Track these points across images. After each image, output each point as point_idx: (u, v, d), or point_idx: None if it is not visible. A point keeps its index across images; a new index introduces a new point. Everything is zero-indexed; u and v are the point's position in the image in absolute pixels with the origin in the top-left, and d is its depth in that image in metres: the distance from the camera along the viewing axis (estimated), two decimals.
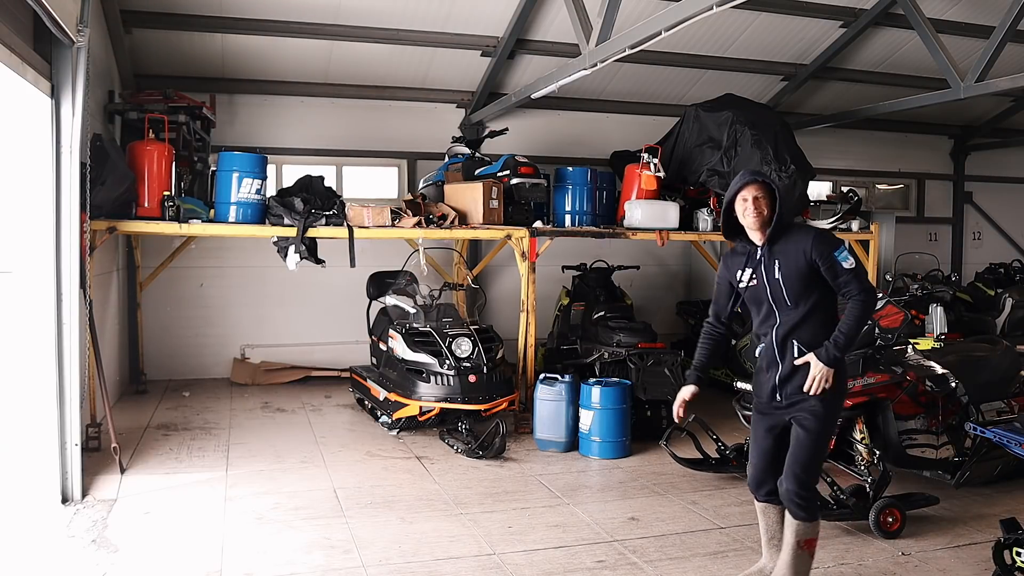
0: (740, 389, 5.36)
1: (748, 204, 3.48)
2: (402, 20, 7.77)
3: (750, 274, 3.55)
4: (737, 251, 3.66)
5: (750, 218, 3.49)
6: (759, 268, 3.53)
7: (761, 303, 3.55)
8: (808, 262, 3.42)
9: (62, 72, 4.78)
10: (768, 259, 3.51)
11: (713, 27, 8.15)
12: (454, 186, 7.64)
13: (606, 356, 6.68)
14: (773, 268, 3.49)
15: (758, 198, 3.48)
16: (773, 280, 3.49)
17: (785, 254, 3.48)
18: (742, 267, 3.58)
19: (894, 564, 4.19)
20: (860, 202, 8.25)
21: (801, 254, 3.43)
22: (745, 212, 3.50)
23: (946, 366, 5.01)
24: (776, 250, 3.50)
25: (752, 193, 3.49)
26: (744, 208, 3.50)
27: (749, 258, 3.57)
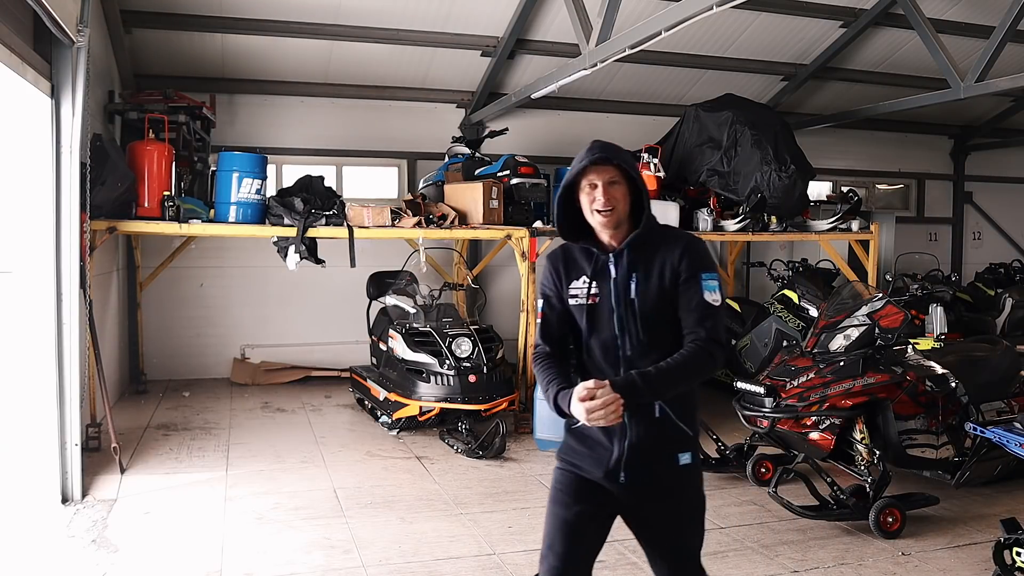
0: (740, 389, 5.36)
1: (597, 193, 2.46)
2: (402, 20, 7.77)
3: (590, 288, 2.50)
4: (572, 254, 2.59)
5: (598, 214, 2.47)
6: (606, 282, 2.49)
7: (599, 331, 2.49)
8: (673, 279, 2.47)
9: (62, 72, 4.78)
10: (621, 271, 2.48)
11: (713, 27, 8.15)
12: (454, 186, 7.64)
13: None
14: (628, 285, 2.47)
15: (611, 185, 2.46)
16: (624, 301, 2.46)
17: (645, 266, 2.48)
18: (580, 276, 2.54)
19: (894, 564, 4.19)
20: (860, 202, 8.25)
21: (667, 268, 2.47)
22: (593, 204, 2.47)
23: (946, 366, 5.01)
24: (634, 260, 2.49)
25: (602, 177, 2.46)
26: (591, 198, 2.48)
27: (594, 266, 2.52)
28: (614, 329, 2.47)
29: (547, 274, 2.60)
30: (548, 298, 2.57)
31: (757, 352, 7.74)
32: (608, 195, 2.44)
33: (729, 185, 7.57)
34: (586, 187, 2.47)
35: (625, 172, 2.47)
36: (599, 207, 2.45)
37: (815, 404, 4.81)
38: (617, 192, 2.46)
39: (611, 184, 2.45)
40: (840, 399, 4.78)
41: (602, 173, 2.45)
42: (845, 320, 5.15)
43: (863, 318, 5.06)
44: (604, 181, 2.45)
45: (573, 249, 2.59)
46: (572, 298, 2.52)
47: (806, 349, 5.24)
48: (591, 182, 2.46)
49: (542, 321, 2.58)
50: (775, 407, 4.97)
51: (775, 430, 4.98)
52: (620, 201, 2.46)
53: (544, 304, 2.58)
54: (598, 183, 2.45)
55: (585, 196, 2.48)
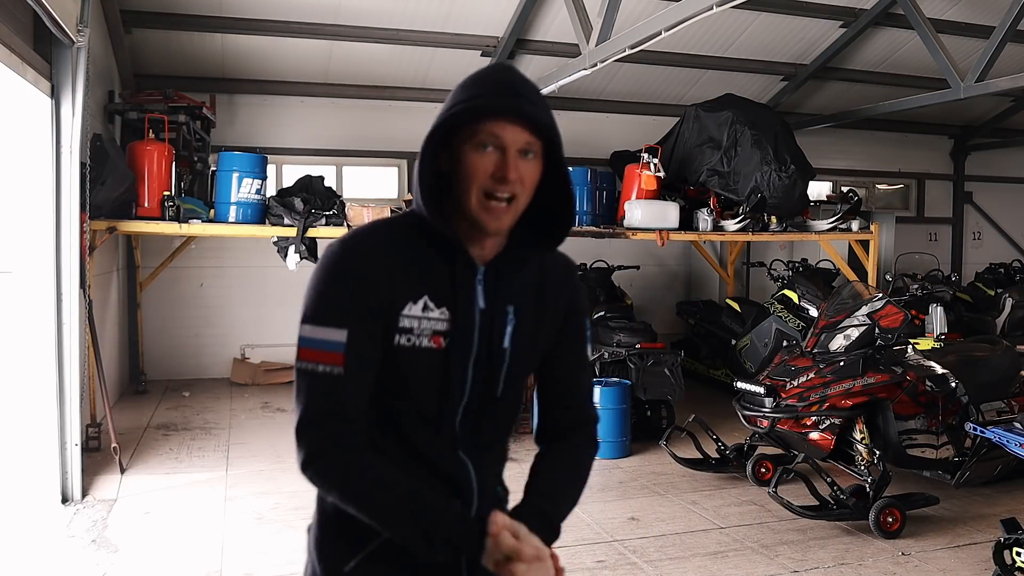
0: (740, 389, 5.36)
1: (498, 161, 1.44)
2: (402, 20, 7.77)
3: (438, 320, 1.48)
4: (409, 246, 1.50)
5: (487, 199, 1.44)
6: (467, 314, 1.50)
7: (426, 394, 1.49)
8: (554, 324, 1.61)
9: (62, 72, 4.78)
10: (492, 301, 1.52)
11: (713, 27, 8.15)
12: None
13: (606, 356, 6.68)
14: (502, 325, 1.53)
15: (524, 155, 1.45)
16: (491, 349, 1.52)
17: (526, 299, 1.56)
18: (419, 295, 1.47)
19: (894, 564, 4.19)
20: (860, 202, 8.25)
21: (550, 307, 1.59)
22: (490, 175, 1.43)
23: (946, 366, 5.01)
24: (514, 286, 1.54)
25: (517, 139, 1.44)
26: (485, 164, 1.44)
27: (450, 281, 1.49)
28: (460, 392, 1.49)
29: (353, 278, 1.43)
30: (355, 326, 1.41)
31: (757, 352, 7.74)
32: (517, 171, 1.41)
33: (729, 185, 7.57)
34: (481, 141, 1.42)
35: (549, 143, 1.47)
36: (494, 188, 1.41)
37: (815, 404, 4.81)
38: (528, 170, 1.43)
39: (524, 154, 1.43)
40: (840, 399, 4.78)
41: (517, 133, 1.42)
42: (845, 320, 5.15)
43: (863, 318, 5.06)
44: (518, 146, 1.42)
45: (410, 236, 1.49)
46: (403, 333, 1.43)
47: (806, 349, 5.24)
48: (495, 138, 1.41)
49: (341, 371, 1.40)
50: (775, 407, 4.97)
51: (775, 430, 4.98)
52: (527, 187, 1.44)
53: (349, 336, 1.40)
54: (507, 145, 1.41)
55: (474, 155, 1.42)
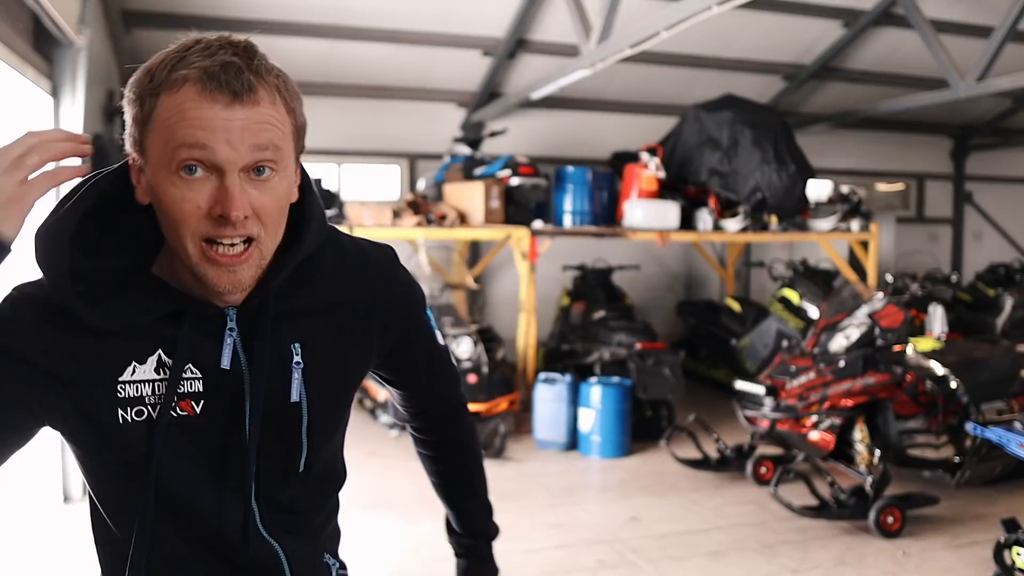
0: (740, 389, 5.36)
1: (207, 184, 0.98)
2: (402, 20, 7.77)
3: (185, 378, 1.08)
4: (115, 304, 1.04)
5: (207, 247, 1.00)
6: (220, 372, 1.08)
7: (195, 466, 1.10)
8: (375, 337, 1.24)
9: (62, 72, 4.79)
10: (260, 344, 1.10)
11: (713, 27, 8.13)
12: (454, 186, 7.64)
13: (606, 356, 6.69)
14: (284, 371, 1.12)
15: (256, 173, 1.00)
16: (283, 402, 1.12)
17: (313, 327, 1.16)
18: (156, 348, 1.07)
19: (894, 564, 4.19)
20: (860, 202, 8.25)
21: (361, 317, 1.21)
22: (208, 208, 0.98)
23: (946, 366, 5.02)
24: (286, 319, 1.13)
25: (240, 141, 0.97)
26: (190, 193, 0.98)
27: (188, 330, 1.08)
28: (240, 467, 1.11)
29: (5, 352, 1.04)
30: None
31: (757, 352, 7.74)
32: (244, 199, 0.99)
33: (729, 185, 7.57)
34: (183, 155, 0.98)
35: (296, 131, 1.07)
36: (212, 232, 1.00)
37: (815, 404, 4.82)
38: (272, 192, 1.02)
39: (256, 171, 1.00)
40: (840, 399, 4.79)
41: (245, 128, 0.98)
42: (845, 320, 5.16)
43: (863, 318, 5.07)
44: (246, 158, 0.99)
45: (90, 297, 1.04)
46: (130, 405, 1.07)
47: (806, 349, 5.25)
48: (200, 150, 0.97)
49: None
50: (775, 407, 4.98)
51: (775, 430, 4.99)
52: (275, 216, 1.04)
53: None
54: (222, 161, 0.97)
55: (171, 181, 0.99)
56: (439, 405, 1.48)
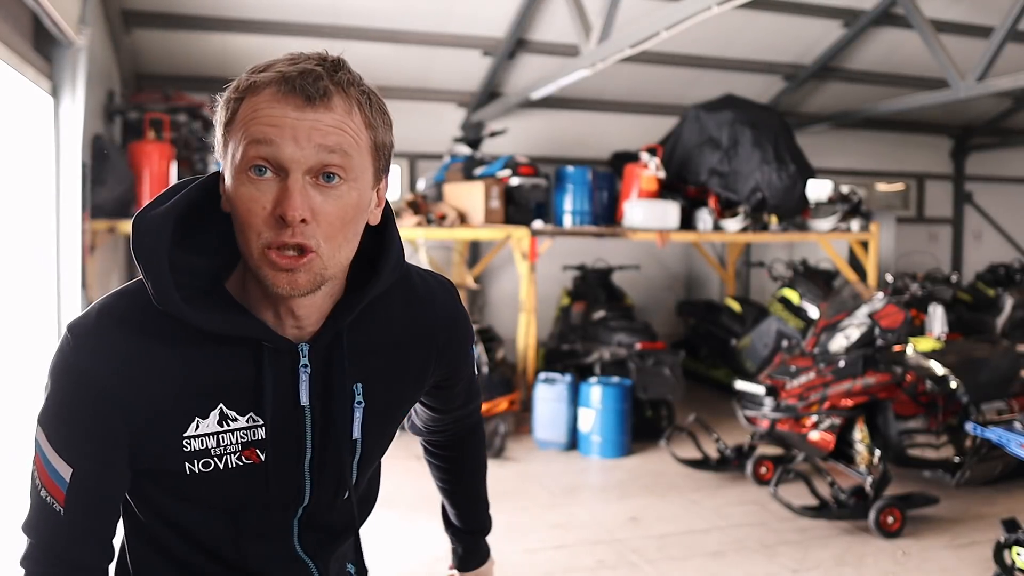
0: (740, 389, 5.36)
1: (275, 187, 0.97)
2: (402, 20, 7.77)
3: (246, 429, 1.09)
4: (182, 350, 1.04)
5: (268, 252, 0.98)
6: (288, 417, 1.11)
7: (251, 504, 1.14)
8: (421, 378, 1.26)
9: (62, 72, 4.79)
10: (327, 385, 1.12)
11: (713, 27, 8.13)
12: (454, 186, 7.64)
13: (606, 356, 6.69)
14: (345, 412, 1.14)
15: (326, 178, 0.98)
16: (334, 446, 1.16)
17: (376, 367, 1.17)
18: (217, 402, 1.07)
19: (894, 564, 4.19)
20: (860, 202, 8.25)
21: (421, 357, 1.23)
22: (272, 212, 0.97)
23: (946, 366, 5.02)
24: (355, 357, 1.14)
25: (306, 145, 0.96)
26: (259, 194, 0.97)
27: (256, 377, 1.08)
28: (298, 500, 1.16)
29: (86, 405, 1.04)
30: (85, 465, 1.06)
31: (757, 352, 7.75)
32: (304, 202, 0.97)
33: (729, 185, 7.58)
34: (251, 154, 0.97)
35: (375, 148, 1.04)
36: (271, 238, 0.98)
37: (815, 404, 4.82)
38: (337, 201, 1.00)
39: (325, 177, 0.99)
40: (840, 399, 4.79)
41: (311, 131, 0.97)
42: (845, 320, 5.16)
43: (863, 318, 5.07)
44: (311, 160, 0.97)
45: (171, 322, 1.03)
46: (195, 458, 1.07)
47: (806, 349, 5.25)
48: (265, 148, 0.97)
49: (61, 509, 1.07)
50: (775, 407, 4.98)
51: (775, 430, 4.99)
52: (337, 226, 1.00)
53: (73, 476, 1.06)
54: (286, 160, 0.97)
55: (241, 181, 0.99)
56: (463, 423, 1.51)
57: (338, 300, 1.10)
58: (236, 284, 1.09)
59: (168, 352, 1.04)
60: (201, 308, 1.03)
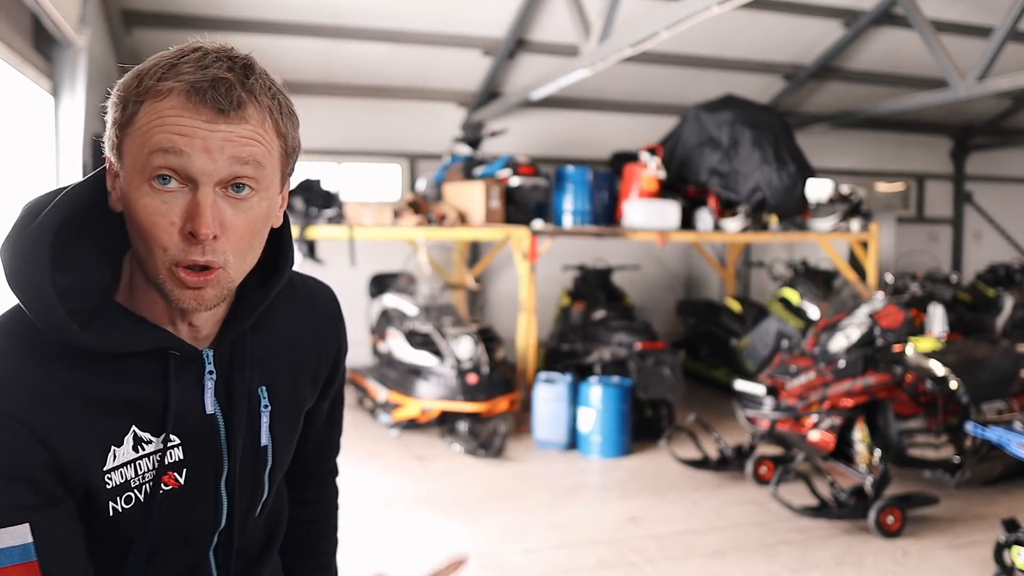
0: (740, 389, 5.36)
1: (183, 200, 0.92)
2: (402, 20, 7.77)
3: (161, 450, 1.01)
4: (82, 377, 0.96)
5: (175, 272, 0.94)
6: (204, 427, 1.05)
7: (168, 532, 1.04)
8: (319, 380, 1.23)
9: (62, 72, 4.79)
10: (233, 391, 1.07)
11: (713, 27, 8.15)
12: (454, 186, 7.64)
13: (606, 356, 6.69)
14: (255, 415, 1.10)
15: (236, 189, 0.94)
16: (248, 457, 1.10)
17: (276, 369, 1.14)
18: (129, 424, 0.99)
19: (894, 564, 4.19)
20: (860, 202, 8.26)
21: (312, 358, 1.20)
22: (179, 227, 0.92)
23: (946, 366, 5.02)
24: (257, 359, 1.11)
25: (228, 156, 0.92)
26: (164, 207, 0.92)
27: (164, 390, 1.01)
28: (215, 520, 1.10)
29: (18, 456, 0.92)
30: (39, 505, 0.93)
31: (757, 352, 7.75)
32: (215, 217, 0.93)
33: (729, 185, 7.58)
34: (158, 163, 0.92)
35: (285, 154, 1.01)
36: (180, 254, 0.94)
37: (815, 404, 4.82)
38: (247, 214, 0.97)
39: (234, 188, 0.95)
40: (840, 399, 4.79)
41: (224, 142, 0.93)
42: (845, 320, 5.16)
43: (863, 318, 5.07)
44: (223, 172, 0.93)
45: (57, 353, 0.95)
46: (119, 493, 0.99)
47: (806, 349, 5.25)
48: (175, 158, 0.92)
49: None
50: (775, 407, 4.98)
51: (775, 430, 4.99)
52: (246, 239, 0.98)
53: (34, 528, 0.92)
54: (197, 173, 0.92)
55: (144, 190, 0.93)
56: (325, 463, 1.39)
57: (231, 303, 1.06)
58: (124, 295, 1.02)
59: (71, 380, 0.95)
60: (100, 330, 0.95)
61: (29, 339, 0.96)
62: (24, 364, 0.94)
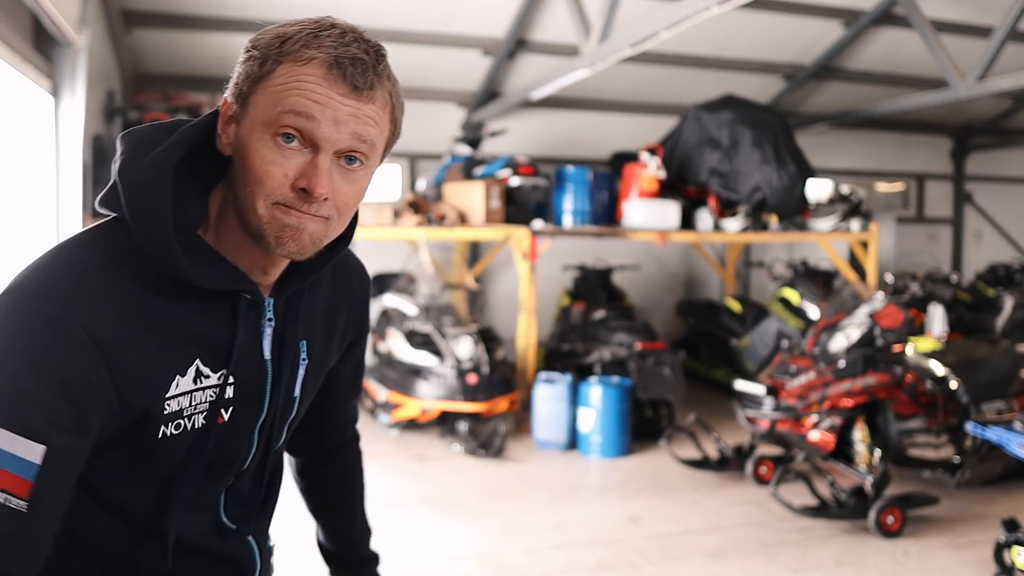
0: (740, 389, 5.36)
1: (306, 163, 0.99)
2: (402, 20, 7.77)
3: (216, 387, 1.06)
4: (156, 302, 0.99)
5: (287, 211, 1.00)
6: (254, 369, 1.11)
7: (195, 468, 1.08)
8: (344, 345, 1.32)
9: (62, 72, 4.79)
10: (282, 341, 1.14)
11: (713, 27, 8.15)
12: (454, 186, 7.64)
13: (606, 356, 6.69)
14: (294, 371, 1.17)
15: (350, 161, 1.02)
16: (280, 403, 1.16)
17: (315, 328, 1.22)
18: (187, 361, 1.02)
19: (894, 564, 4.19)
20: (860, 202, 8.26)
21: (342, 324, 1.29)
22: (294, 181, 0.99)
23: (946, 366, 5.02)
24: (301, 318, 1.17)
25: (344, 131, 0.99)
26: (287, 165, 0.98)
27: (231, 332, 1.06)
28: (242, 463, 1.17)
29: (66, 359, 0.92)
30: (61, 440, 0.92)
31: (757, 352, 7.74)
32: (330, 181, 1.00)
33: (729, 185, 7.58)
34: (287, 122, 0.98)
35: (390, 139, 1.09)
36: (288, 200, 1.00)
37: (815, 404, 4.82)
38: (354, 183, 1.05)
39: (348, 160, 1.02)
40: (840, 399, 4.79)
41: (351, 118, 1.00)
42: (845, 320, 5.16)
43: (863, 318, 5.07)
44: (343, 144, 1.01)
45: (144, 268, 0.99)
46: (171, 420, 1.03)
47: (806, 349, 5.25)
48: (306, 122, 0.98)
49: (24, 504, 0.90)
50: (775, 407, 4.98)
51: (775, 430, 4.99)
52: (350, 204, 1.06)
53: (46, 455, 0.91)
54: (321, 139, 0.99)
55: (266, 142, 0.99)
56: (344, 430, 1.49)
57: (292, 263, 1.11)
58: (211, 233, 1.06)
59: (150, 306, 0.98)
60: (194, 264, 1.00)
61: (117, 257, 0.99)
62: (109, 280, 0.97)
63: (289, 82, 0.99)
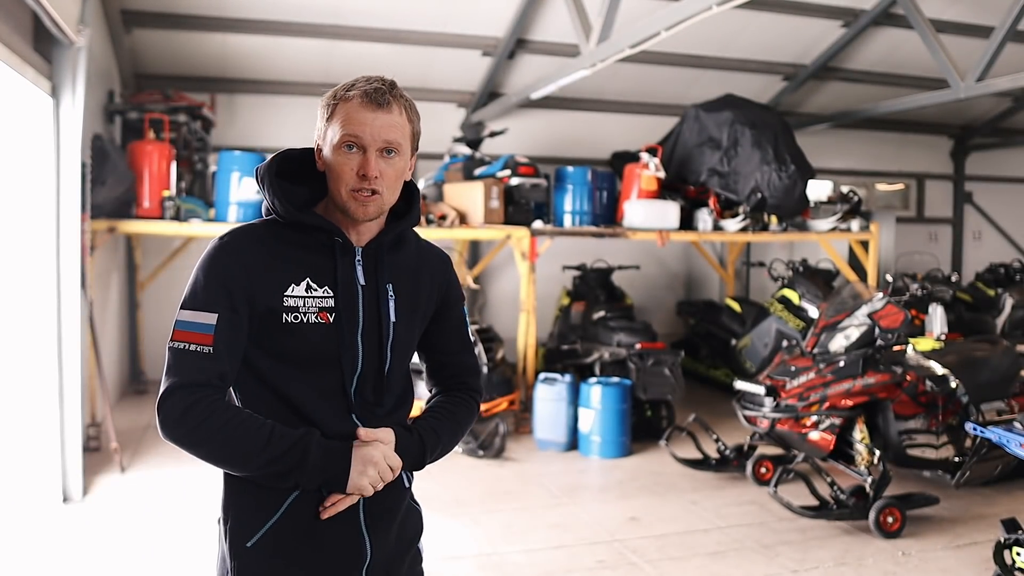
0: (740, 389, 5.36)
1: (359, 158, 1.64)
2: (402, 20, 7.77)
3: (322, 298, 1.68)
4: (279, 237, 1.71)
5: (352, 195, 1.65)
6: (350, 291, 1.71)
7: (321, 367, 1.69)
8: (432, 302, 1.86)
9: (62, 72, 4.79)
10: (371, 279, 1.74)
11: (713, 27, 8.14)
12: (454, 186, 7.64)
13: (606, 356, 6.69)
14: (384, 299, 1.74)
15: (387, 153, 1.66)
16: (377, 322, 1.73)
17: (402, 278, 1.79)
18: (302, 276, 1.68)
19: (894, 564, 4.19)
20: (860, 202, 8.26)
21: (426, 287, 1.83)
22: (356, 171, 1.64)
23: (946, 366, 5.01)
24: (390, 266, 1.76)
25: (378, 135, 1.64)
26: (348, 161, 1.64)
27: (333, 263, 1.71)
28: (353, 363, 1.70)
29: (224, 272, 1.63)
30: (224, 311, 1.62)
31: (757, 352, 7.74)
32: (376, 167, 1.63)
33: (729, 185, 7.57)
34: (346, 138, 1.63)
35: (412, 135, 1.73)
36: (356, 185, 1.64)
37: (815, 404, 4.82)
38: (393, 167, 1.68)
39: (387, 152, 1.65)
40: (840, 399, 4.79)
41: (381, 127, 1.64)
42: (845, 320, 5.15)
43: (863, 318, 5.07)
44: (380, 144, 1.64)
45: (279, 229, 1.70)
46: (289, 311, 1.65)
47: (806, 349, 5.24)
48: (355, 136, 1.63)
49: (210, 349, 1.60)
50: (775, 407, 4.97)
51: (775, 430, 4.98)
52: (392, 181, 1.69)
53: (218, 319, 1.61)
54: (367, 143, 1.63)
55: (338, 153, 1.65)
56: (462, 381, 1.96)
57: (382, 228, 1.76)
58: (321, 210, 1.74)
59: (277, 243, 1.69)
60: (306, 216, 1.70)
61: (262, 224, 1.73)
62: (257, 228, 1.72)
63: (342, 116, 1.66)
